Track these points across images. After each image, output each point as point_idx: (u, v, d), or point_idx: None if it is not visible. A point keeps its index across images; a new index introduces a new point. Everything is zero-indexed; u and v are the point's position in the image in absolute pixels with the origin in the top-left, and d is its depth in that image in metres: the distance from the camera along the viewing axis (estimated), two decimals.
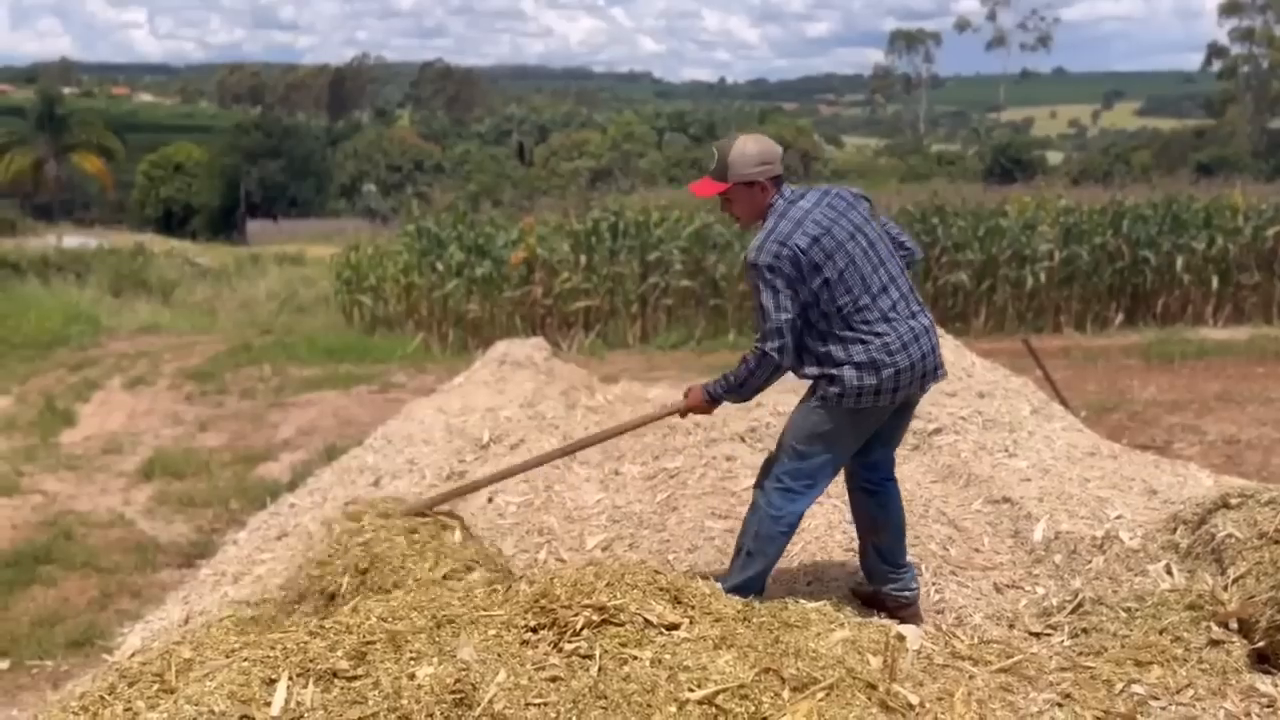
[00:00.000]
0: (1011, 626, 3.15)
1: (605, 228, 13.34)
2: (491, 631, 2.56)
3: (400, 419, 6.38)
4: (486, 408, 5.99)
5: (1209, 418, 7.90)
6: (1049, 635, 3.05)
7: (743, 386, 3.28)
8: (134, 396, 9.73)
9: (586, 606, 2.66)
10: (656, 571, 2.85)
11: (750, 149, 3.32)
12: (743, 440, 5.34)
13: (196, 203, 42.77)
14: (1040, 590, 3.43)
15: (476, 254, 13.18)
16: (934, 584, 3.54)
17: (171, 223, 41.30)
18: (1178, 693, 2.58)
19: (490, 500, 4.61)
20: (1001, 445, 5.16)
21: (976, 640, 3.03)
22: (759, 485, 3.40)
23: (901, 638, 2.89)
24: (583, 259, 13.05)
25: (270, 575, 3.93)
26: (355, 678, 2.36)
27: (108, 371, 10.99)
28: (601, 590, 2.74)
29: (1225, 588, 2.88)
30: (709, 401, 3.40)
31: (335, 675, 2.38)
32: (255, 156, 44.68)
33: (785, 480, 3.29)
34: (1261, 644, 2.68)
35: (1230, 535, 2.98)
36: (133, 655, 2.70)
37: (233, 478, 6.81)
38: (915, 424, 5.64)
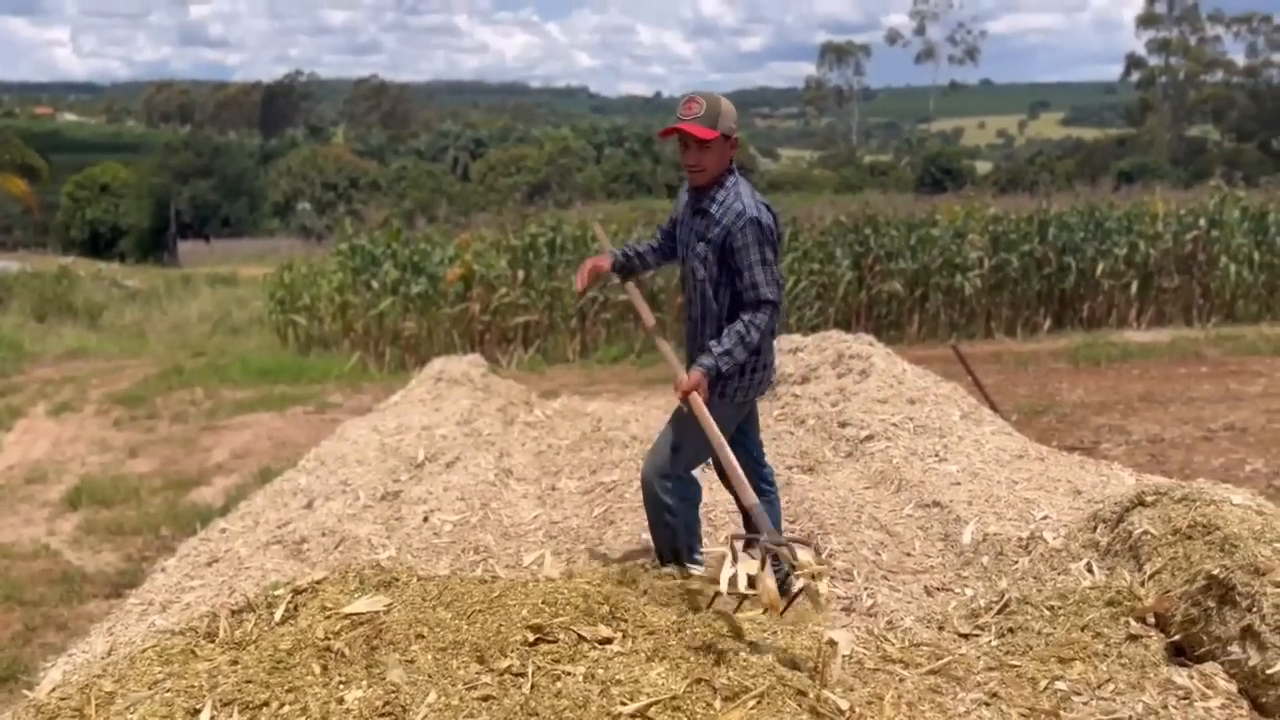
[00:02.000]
0: (941, 628, 3.20)
1: (543, 243, 13.32)
2: (426, 654, 2.55)
3: (334, 439, 6.30)
4: (422, 426, 5.94)
5: (1134, 418, 8.11)
6: (977, 636, 3.11)
7: (749, 346, 3.36)
8: (59, 423, 9.48)
9: (520, 625, 2.66)
10: (589, 584, 2.86)
11: (730, 107, 3.42)
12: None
13: (125, 224, 41.83)
14: (969, 592, 3.49)
15: (412, 271, 13.08)
16: (866, 589, 3.59)
17: (99, 245, 40.32)
18: (1099, 688, 2.65)
19: (426, 520, 4.58)
20: (932, 450, 5.25)
21: (907, 643, 3.09)
22: (654, 490, 3.53)
23: (833, 643, 2.93)
24: (520, 274, 13.01)
25: (200, 603, 3.85)
26: (283, 704, 2.33)
27: (31, 398, 10.69)
28: (535, 608, 2.74)
29: (1142, 583, 2.96)
30: (714, 378, 3.38)
31: (263, 704, 2.35)
32: (185, 176, 43.85)
33: (681, 475, 3.53)
34: (1177, 637, 2.76)
35: (1146, 532, 3.07)
36: (52, 690, 2.63)
37: (163, 504, 6.66)
38: (848, 431, 5.73)
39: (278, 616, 2.87)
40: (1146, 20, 55.26)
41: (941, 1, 69.63)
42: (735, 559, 2.93)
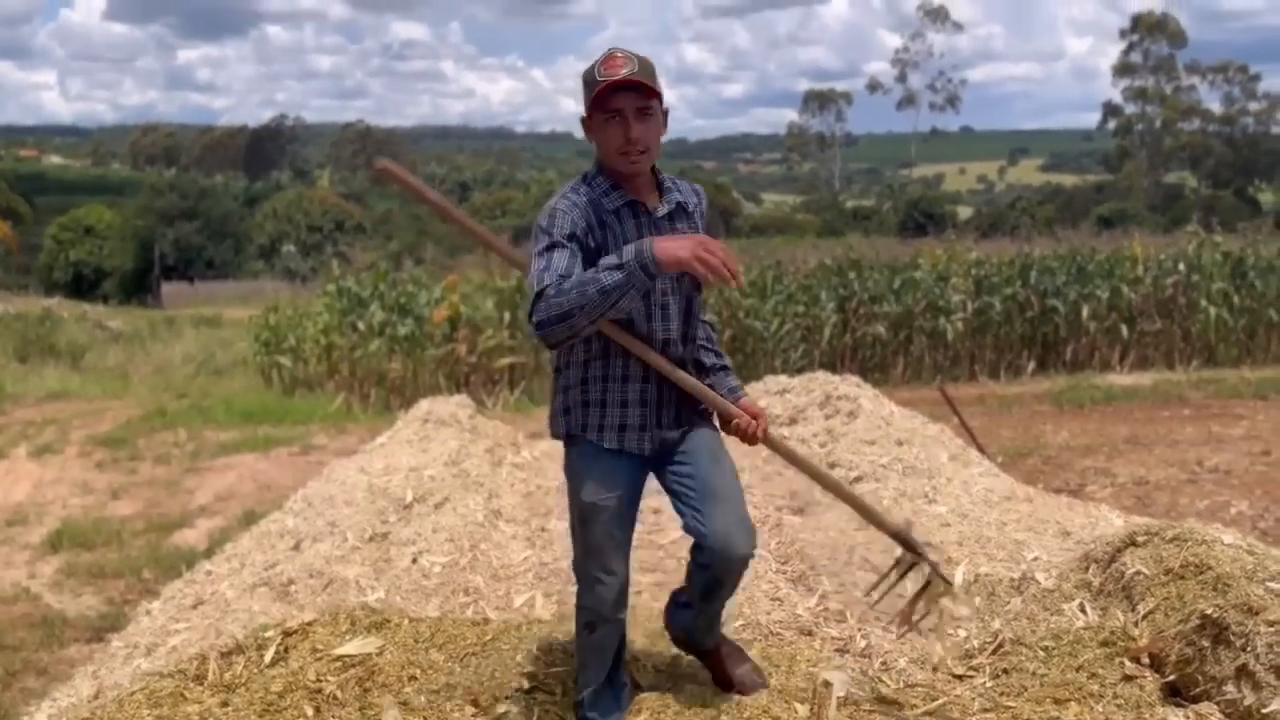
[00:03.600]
0: (935, 669, 3.19)
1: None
2: (419, 696, 2.53)
3: (321, 481, 6.26)
4: (410, 467, 5.92)
5: (1119, 461, 8.15)
6: (971, 677, 3.10)
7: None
8: (41, 465, 9.38)
9: (515, 671, 2.65)
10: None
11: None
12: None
13: (108, 266, 41.74)
14: (962, 633, 3.49)
15: (399, 313, 13.08)
16: (860, 630, 3.58)
17: (82, 286, 40.18)
18: None
19: (414, 561, 4.54)
20: (921, 491, 5.26)
21: (902, 684, 3.07)
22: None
23: (828, 684, 2.92)
24: (507, 316, 13.04)
25: (186, 646, 3.80)
26: None
27: (12, 440, 10.58)
28: (530, 654, 2.72)
29: (1136, 623, 2.97)
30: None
31: None
32: (170, 218, 43.85)
33: None
34: (1172, 677, 2.76)
35: (1139, 572, 3.08)
36: None
37: (146, 547, 6.58)
38: (837, 473, 5.74)
39: (268, 658, 2.84)
40: (1123, 69, 56.32)
41: (922, 50, 70.82)
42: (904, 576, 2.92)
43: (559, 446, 2.81)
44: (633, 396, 2.69)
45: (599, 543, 2.71)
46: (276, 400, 12.94)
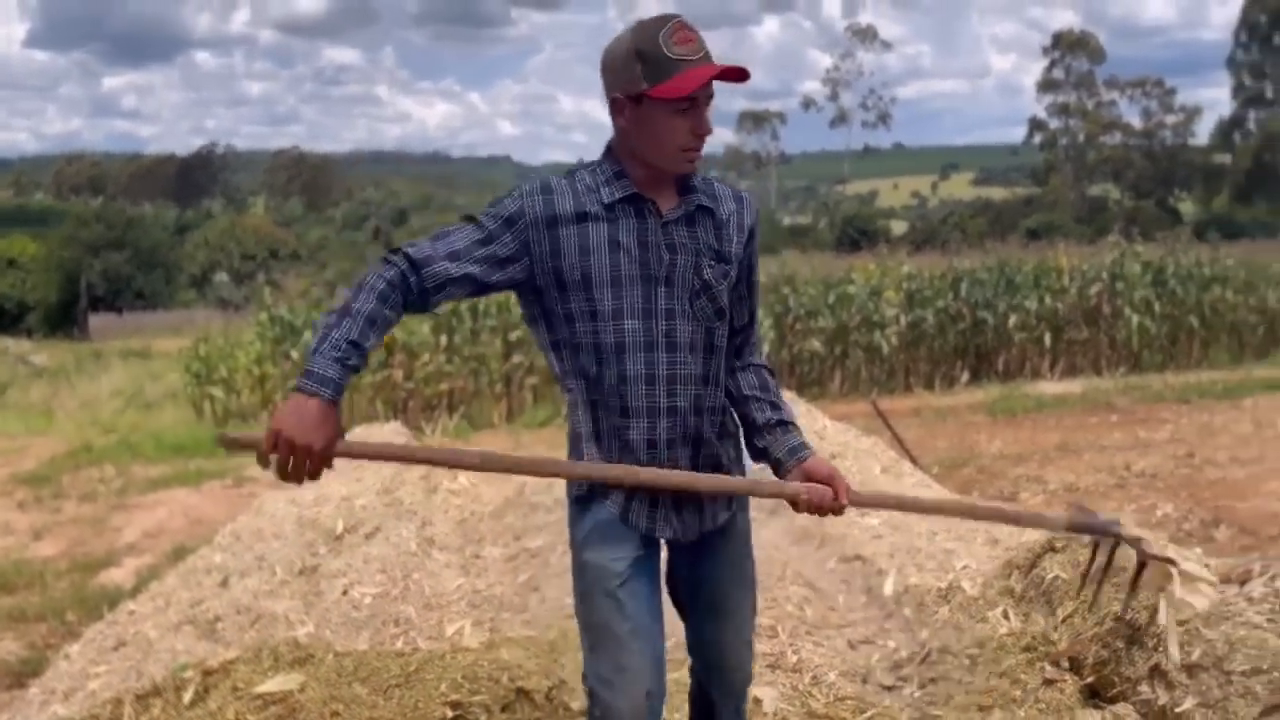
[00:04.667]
0: (865, 681, 3.22)
1: (466, 308, 13.29)
2: None
3: (250, 514, 6.15)
4: (341, 497, 5.83)
5: (1050, 468, 8.30)
6: (900, 687, 3.13)
7: None
8: None
9: (439, 701, 2.61)
10: (510, 656, 2.82)
11: None
12: None
13: (32, 299, 40.58)
14: (891, 644, 3.52)
15: None
16: (791, 645, 3.59)
17: (4, 321, 39.02)
18: None
19: (345, 593, 4.47)
20: None
21: (832, 698, 3.09)
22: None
23: (758, 700, 2.93)
24: (444, 340, 12.95)
25: (105, 689, 3.69)
26: None
27: None
28: (455, 683, 2.69)
29: (1055, 628, 3.02)
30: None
31: None
32: (97, 248, 42.81)
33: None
34: (1091, 679, 2.82)
35: (1057, 577, 3.14)
36: None
37: (69, 588, 6.38)
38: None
39: (187, 699, 2.77)
40: (1046, 85, 57.80)
41: (852, 69, 71.95)
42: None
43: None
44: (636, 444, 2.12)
45: (604, 623, 2.10)
46: (209, 433, 12.67)
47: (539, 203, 2.06)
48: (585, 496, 2.14)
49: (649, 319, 2.06)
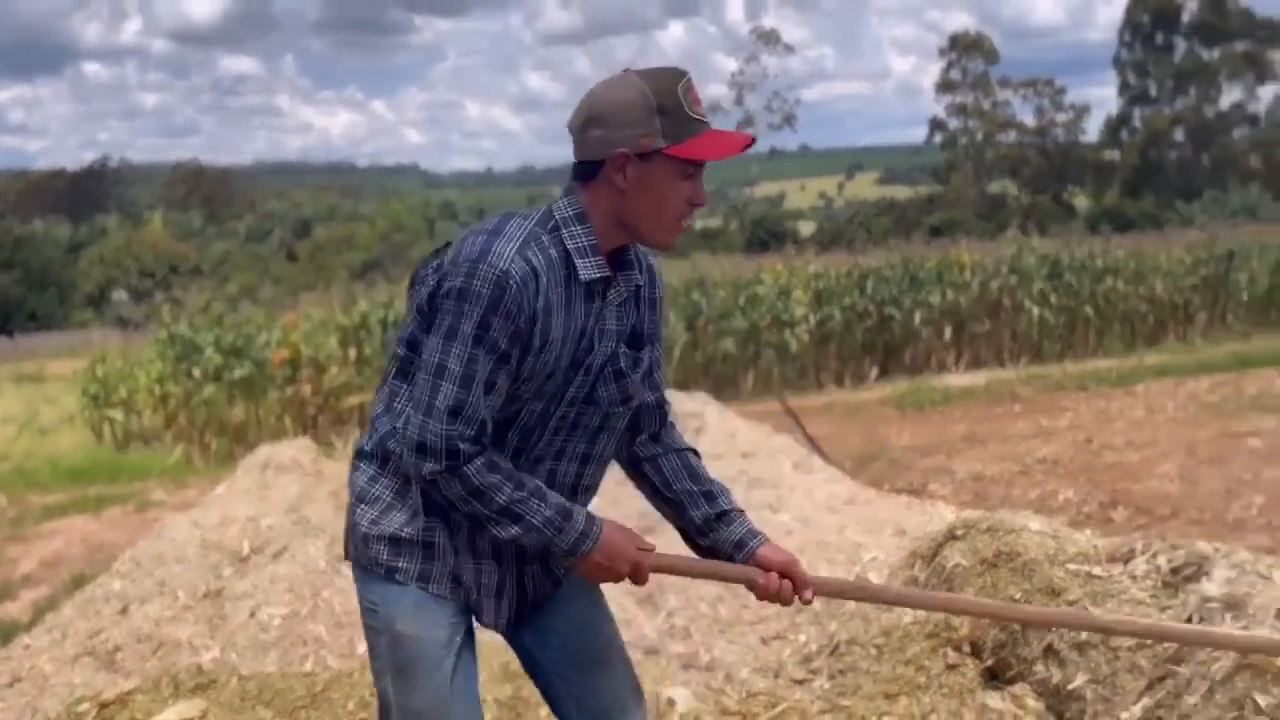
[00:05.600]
0: (777, 676, 3.26)
1: (375, 320, 13.09)
2: None
3: (151, 539, 5.95)
4: (247, 517, 5.68)
5: (958, 458, 8.51)
6: (811, 680, 3.18)
7: None
8: None
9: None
10: None
11: None
12: None
13: None
14: (802, 638, 3.57)
15: (235, 356, 12.60)
16: (704, 644, 3.62)
17: None
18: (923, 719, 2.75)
19: (252, 615, 4.36)
20: (766, 502, 5.37)
21: (745, 694, 3.13)
22: None
23: (671, 701, 2.94)
24: (352, 353, 12.73)
25: None
26: None
27: None
28: (362, 700, 2.64)
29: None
30: None
31: None
32: None
33: None
34: (990, 662, 2.90)
35: (958, 564, 3.22)
36: None
37: None
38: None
39: None
40: (944, 86, 59.29)
41: (757, 72, 72.84)
42: None
43: None
44: (504, 552, 1.95)
45: (434, 699, 1.93)
46: (109, 457, 12.25)
47: (537, 293, 1.79)
48: (402, 569, 1.93)
49: (552, 402, 1.89)
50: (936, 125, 60.17)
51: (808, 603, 2.04)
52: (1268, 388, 10.79)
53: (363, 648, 4.01)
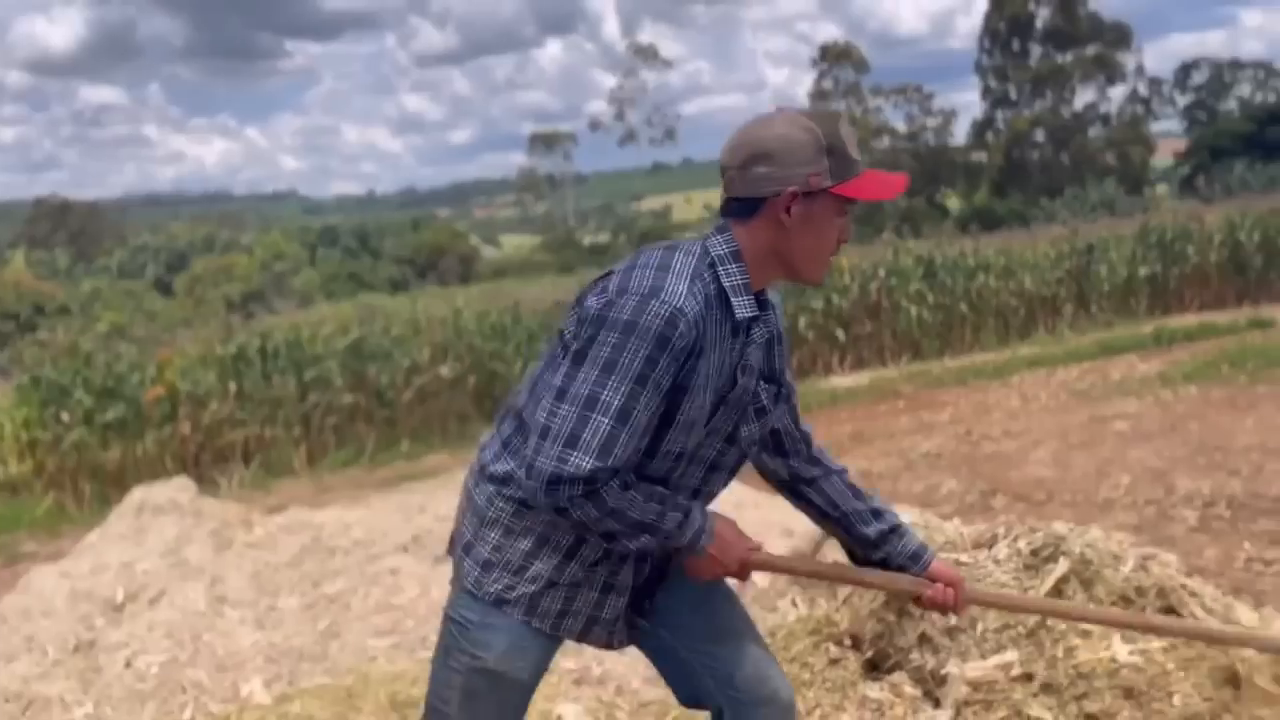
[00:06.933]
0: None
1: (254, 351, 12.71)
2: None
3: (16, 593, 5.66)
4: (121, 563, 5.45)
5: (846, 457, 8.60)
6: None
7: None
8: None
9: None
10: (302, 710, 2.70)
11: None
12: (405, 551, 5.22)
13: None
14: None
15: (107, 397, 12.07)
16: (595, 657, 3.61)
17: None
18: (808, 715, 2.80)
19: (128, 665, 4.18)
20: None
21: (636, 705, 3.13)
22: None
23: (560, 719, 2.93)
24: (232, 386, 12.33)
25: None
26: None
27: None
28: None
29: (837, 609, 3.18)
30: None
31: None
32: None
33: None
34: (870, 653, 2.98)
35: (836, 560, 3.29)
36: None
37: None
38: None
39: None
40: (818, 95, 60.82)
41: (636, 87, 73.58)
42: None
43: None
44: (623, 580, 1.97)
45: None
46: None
47: (699, 335, 1.80)
48: (513, 601, 1.94)
49: (702, 449, 1.96)
50: None
51: (962, 611, 2.16)
52: (1130, 372, 11.36)
53: (246, 689, 3.89)
